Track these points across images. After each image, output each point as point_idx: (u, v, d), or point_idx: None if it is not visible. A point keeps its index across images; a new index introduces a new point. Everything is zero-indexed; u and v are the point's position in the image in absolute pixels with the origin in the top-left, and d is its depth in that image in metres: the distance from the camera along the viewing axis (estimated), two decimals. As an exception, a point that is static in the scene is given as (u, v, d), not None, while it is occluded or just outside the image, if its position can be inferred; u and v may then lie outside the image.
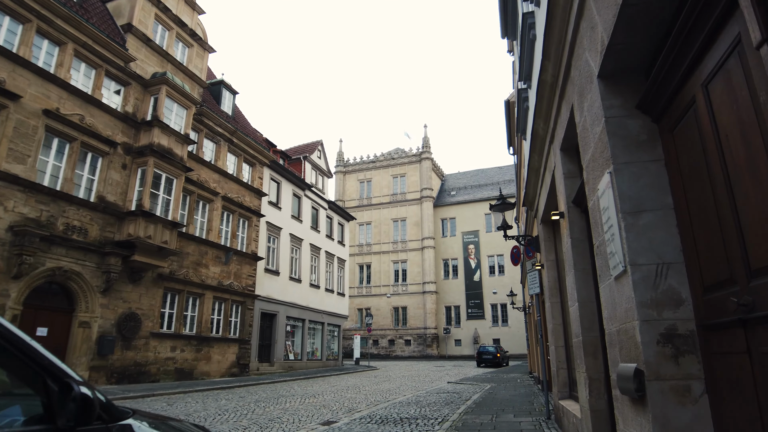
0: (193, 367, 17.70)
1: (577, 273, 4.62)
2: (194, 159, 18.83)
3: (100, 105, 15.20)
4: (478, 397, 11.54)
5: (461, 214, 53.51)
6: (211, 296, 18.91)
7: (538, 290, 8.03)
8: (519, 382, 16.85)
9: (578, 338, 4.64)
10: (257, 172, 22.94)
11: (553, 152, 5.47)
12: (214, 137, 20.35)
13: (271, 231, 24.21)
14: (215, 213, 19.70)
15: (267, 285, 23.24)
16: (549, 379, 8.36)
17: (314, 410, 9.75)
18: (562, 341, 6.98)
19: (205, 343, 18.38)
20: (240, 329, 20.54)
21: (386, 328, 51.87)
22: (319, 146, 31.53)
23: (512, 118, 19.89)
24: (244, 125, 23.63)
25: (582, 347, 4.44)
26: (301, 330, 26.62)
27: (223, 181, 20.40)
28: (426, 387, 15.65)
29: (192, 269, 18.13)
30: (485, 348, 31.84)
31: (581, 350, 4.49)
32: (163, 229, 15.92)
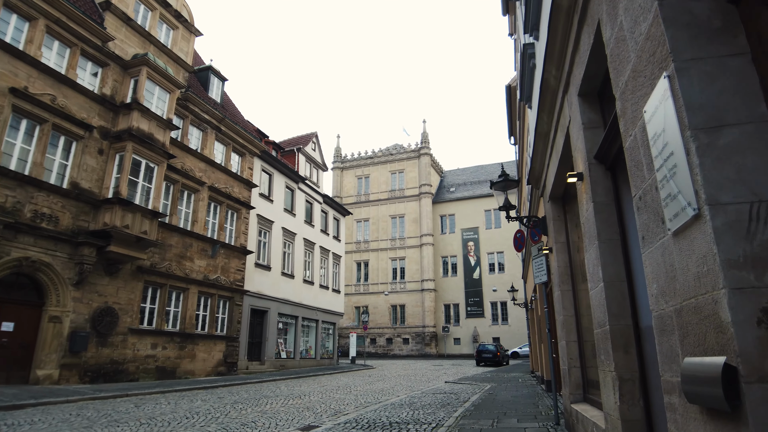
0: (176, 365, 16.74)
1: (602, 246, 3.66)
2: (178, 146, 17.87)
3: (75, 86, 14.23)
4: (477, 399, 10.58)
5: (460, 210, 52.55)
6: (196, 291, 17.94)
7: (545, 278, 7.07)
8: (521, 382, 15.90)
9: (603, 329, 3.68)
10: (247, 162, 21.97)
11: (568, 103, 4.50)
12: (200, 124, 19.38)
13: (262, 224, 23.24)
14: (201, 203, 18.73)
15: (257, 280, 22.27)
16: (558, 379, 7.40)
17: (296, 413, 8.80)
18: (574, 335, 6.02)
19: (189, 341, 17.41)
20: (228, 326, 19.57)
21: (384, 326, 50.93)
22: (314, 138, 30.55)
23: (513, 104, 18.94)
24: (234, 113, 22.66)
25: (609, 339, 3.48)
26: (294, 327, 25.66)
27: (210, 171, 19.43)
28: (422, 387, 14.70)
29: (175, 262, 17.16)
30: (485, 346, 30.89)
31: (608, 343, 3.53)
32: (142, 219, 14.95)
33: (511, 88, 18.05)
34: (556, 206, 6.53)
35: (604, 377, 3.72)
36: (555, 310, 6.82)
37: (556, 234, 6.43)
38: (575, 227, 6.24)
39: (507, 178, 7.27)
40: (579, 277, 6.07)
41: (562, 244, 6.36)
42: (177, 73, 18.11)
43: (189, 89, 18.63)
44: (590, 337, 5.74)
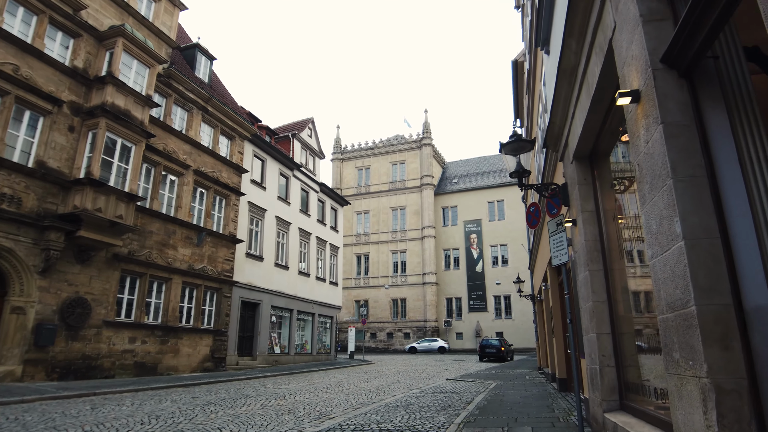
0: (157, 361, 15.59)
1: (679, 186, 2.42)
2: (160, 126, 16.64)
3: (41, 56, 13.01)
4: (481, 400, 9.37)
5: (463, 202, 51.28)
6: (179, 281, 16.75)
7: (566, 258, 5.82)
8: (528, 379, 14.69)
9: (680, 312, 2.44)
10: (237, 146, 20.73)
11: (611, 5, 3.24)
12: (185, 104, 18.13)
13: (254, 212, 22.03)
14: (186, 188, 17.51)
15: (248, 271, 21.09)
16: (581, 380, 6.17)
17: (273, 417, 7.60)
18: (606, 326, 4.78)
19: (172, 334, 16.25)
20: (215, 319, 18.41)
21: (384, 320, 49.82)
22: (310, 124, 29.28)
23: (520, 81, 17.64)
24: (223, 95, 21.41)
25: (697, 327, 2.25)
26: (288, 321, 24.50)
27: (196, 153, 18.19)
28: (421, 385, 13.51)
29: (156, 250, 15.97)
30: (488, 341, 29.68)
31: (692, 334, 2.30)
32: (117, 202, 13.75)
33: (518, 63, 16.75)
34: (582, 167, 5.28)
35: (681, 385, 2.48)
36: (579, 296, 5.58)
37: (583, 201, 5.18)
38: (607, 191, 5.00)
39: (519, 138, 6.01)
40: (613, 253, 4.84)
41: (590, 214, 5.12)
42: (159, 48, 16.84)
43: (172, 66, 17.40)
44: (627, 328, 4.50)
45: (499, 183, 50.11)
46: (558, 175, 6.73)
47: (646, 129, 2.78)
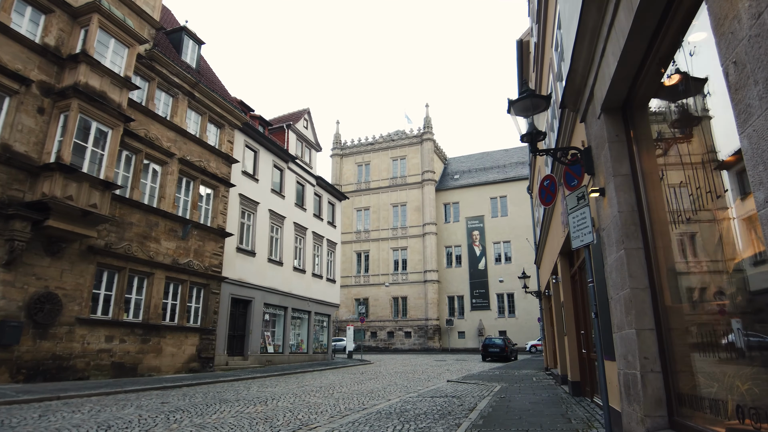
0: (137, 361, 14.56)
1: None
2: (142, 111, 15.61)
3: (7, 31, 11.97)
4: (485, 406, 8.30)
5: (465, 198, 50.17)
6: (162, 276, 15.72)
7: (590, 237, 4.75)
8: (535, 381, 13.62)
9: None
10: (226, 134, 19.68)
11: None
12: (169, 89, 17.08)
13: (245, 205, 20.99)
14: (170, 178, 16.47)
15: (239, 266, 20.05)
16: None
17: (246, 427, 6.56)
18: (649, 320, 3.71)
19: (154, 333, 15.22)
20: (202, 317, 17.37)
21: (385, 319, 48.78)
22: (306, 115, 28.22)
23: (525, 61, 16.55)
24: (212, 81, 20.37)
25: None
26: (282, 319, 23.46)
27: (181, 141, 17.15)
28: (419, 387, 12.45)
29: (137, 243, 14.94)
30: (491, 340, 28.58)
31: None
32: (90, 190, 12.72)
33: (523, 42, 15.66)
34: (613, 121, 4.21)
35: None
36: (609, 283, 4.51)
37: (614, 163, 4.11)
38: (647, 149, 3.92)
39: (533, 94, 4.94)
40: (657, 226, 3.76)
41: (625, 179, 4.04)
42: (140, 28, 15.79)
43: (156, 48, 16.36)
44: (677, 322, 3.44)
45: (502, 178, 49.00)
46: (577, 140, 5.66)
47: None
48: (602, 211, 4.59)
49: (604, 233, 4.55)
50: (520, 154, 52.04)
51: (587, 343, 8.38)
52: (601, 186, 4.45)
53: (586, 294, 8.55)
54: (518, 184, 47.15)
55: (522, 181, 47.03)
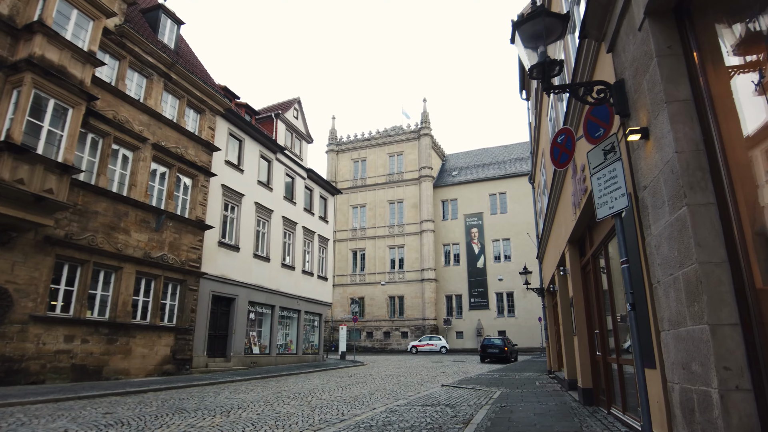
0: (102, 363, 13.28)
1: None
2: (110, 91, 14.34)
3: (-51, -5, 10.70)
4: (483, 418, 7.04)
5: (463, 195, 48.92)
6: (132, 271, 14.45)
7: (624, 202, 3.50)
8: (539, 386, 12.36)
9: None
10: (207, 121, 18.40)
11: None
12: (143, 69, 15.81)
13: (228, 197, 19.71)
14: (142, 164, 15.20)
15: (221, 262, 18.78)
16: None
17: (185, 448, 5.29)
18: (731, 311, 2.45)
19: (122, 332, 13.95)
20: (178, 315, 16.09)
21: (381, 319, 47.51)
22: (296, 105, 26.93)
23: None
24: (193, 64, 19.08)
25: None
26: (269, 318, 22.19)
27: (155, 126, 15.87)
28: (410, 393, 11.19)
29: (103, 234, 13.66)
30: (490, 341, 27.30)
31: None
32: (45, 174, 11.44)
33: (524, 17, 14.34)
34: (664, 28, 2.95)
35: None
36: (654, 261, 3.24)
37: (668, 86, 2.85)
38: (719, 64, 2.65)
39: (546, 12, 3.69)
40: (735, 171, 2.50)
41: (684, 106, 2.79)
42: (111, 2, 14.51)
43: (128, 24, 15.08)
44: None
45: (501, 174, 47.77)
46: (601, 74, 4.40)
47: None
48: (643, 162, 3.33)
49: (647, 192, 3.29)
50: (520, 149, 50.84)
51: (602, 344, 7.12)
52: (644, 125, 3.19)
53: (600, 287, 7.29)
54: (518, 181, 45.93)
55: (522, 177, 45.79)
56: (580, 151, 6.41)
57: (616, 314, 6.23)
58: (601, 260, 7.09)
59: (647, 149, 3.20)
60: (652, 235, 3.23)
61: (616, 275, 6.08)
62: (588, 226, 7.54)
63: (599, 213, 3.88)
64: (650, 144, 3.14)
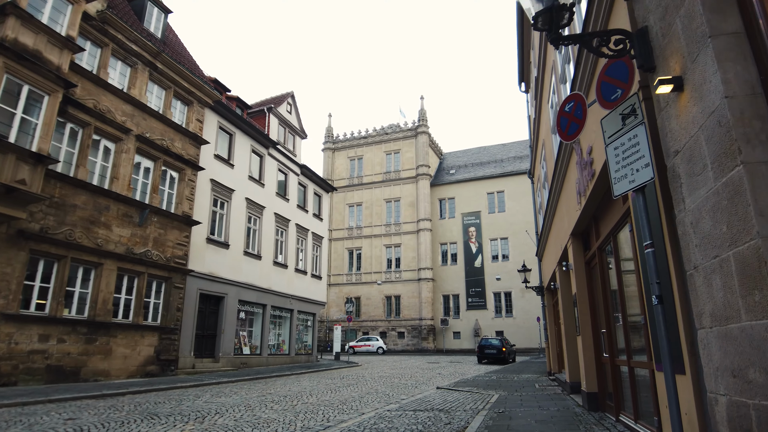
0: (80, 364, 12.63)
1: None
2: (90, 79, 13.70)
3: None
4: (480, 426, 6.44)
5: (461, 193, 48.35)
6: (114, 267, 13.81)
7: (648, 174, 2.90)
8: (539, 388, 11.76)
9: None
10: (195, 113, 17.76)
11: None
12: (126, 57, 15.16)
13: (218, 192, 19.08)
14: (125, 156, 14.56)
15: (209, 259, 18.14)
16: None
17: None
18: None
19: (102, 332, 13.31)
20: (163, 314, 15.45)
21: (377, 319, 46.90)
22: (290, 99, 26.31)
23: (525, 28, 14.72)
24: (180, 53, 18.44)
25: None
26: (260, 318, 21.56)
27: (140, 116, 15.24)
28: (403, 396, 10.58)
29: (82, 228, 13.02)
30: (488, 341, 26.71)
31: None
32: (17, 163, 10.80)
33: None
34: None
35: None
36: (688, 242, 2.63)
37: (712, 17, 2.24)
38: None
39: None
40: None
41: (733, 40, 2.18)
42: (92, -14, 13.88)
43: (111, 10, 14.43)
44: None
45: (499, 173, 47.22)
46: (615, 26, 3.79)
47: None
48: (674, 122, 2.73)
49: (680, 158, 2.69)
50: (518, 148, 50.31)
51: (610, 344, 6.52)
52: (678, 73, 2.59)
53: (608, 282, 6.69)
54: (516, 179, 45.40)
55: (520, 175, 45.24)
56: (587, 131, 5.82)
57: (627, 311, 5.64)
58: (608, 253, 6.50)
59: (681, 104, 2.60)
60: (686, 211, 2.63)
61: (628, 268, 5.49)
62: (594, 217, 6.95)
63: (617, 189, 3.28)
64: (685, 96, 2.53)
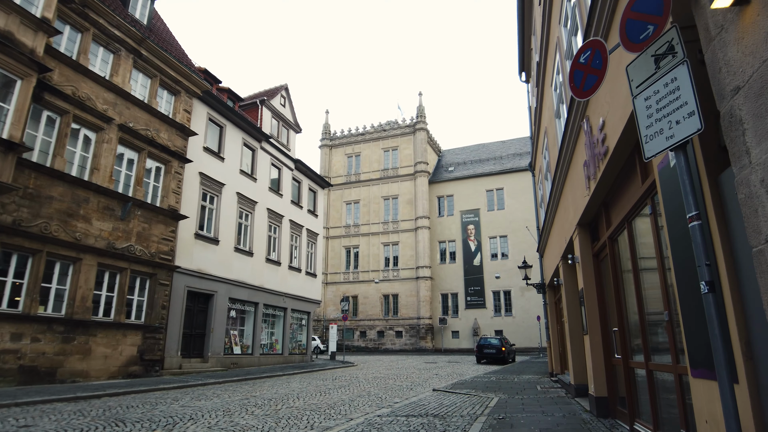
0: (56, 364, 11.96)
1: None
2: (69, 65, 13.01)
3: None
4: (478, 435, 5.78)
5: (460, 191, 47.67)
6: (94, 263, 13.13)
7: (698, 123, 2.23)
8: (541, 390, 11.11)
9: None
10: (182, 103, 17.07)
11: None
12: (109, 43, 14.48)
13: (207, 186, 18.40)
14: (106, 146, 13.88)
15: (198, 255, 17.46)
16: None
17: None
18: None
19: (81, 330, 12.63)
20: (147, 312, 14.78)
21: (375, 318, 46.23)
22: (283, 92, 25.61)
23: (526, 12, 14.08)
24: (168, 42, 17.75)
25: None
26: (252, 316, 20.89)
27: (123, 105, 14.55)
28: (396, 400, 9.92)
29: (59, 221, 12.34)
30: (487, 340, 26.06)
31: None
32: (-15, 151, 10.13)
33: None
34: None
35: None
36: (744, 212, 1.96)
37: None
38: None
39: None
40: None
41: None
42: (71, -33, 13.20)
43: (91, -7, 13.75)
44: None
45: (498, 170, 46.56)
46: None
47: None
48: (735, 48, 2.07)
49: (745, 94, 2.04)
50: (518, 145, 49.69)
51: (623, 344, 5.87)
52: None
53: (620, 275, 6.03)
54: (516, 176, 44.78)
55: (519, 172, 44.62)
56: (598, 102, 5.17)
57: (644, 307, 4.98)
58: (621, 243, 5.84)
59: (744, 21, 1.94)
60: (752, 166, 1.97)
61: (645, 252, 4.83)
62: (604, 203, 6.29)
63: (649, 149, 2.62)
64: (752, 10, 1.87)
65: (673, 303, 3.99)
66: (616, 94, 4.43)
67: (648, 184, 4.29)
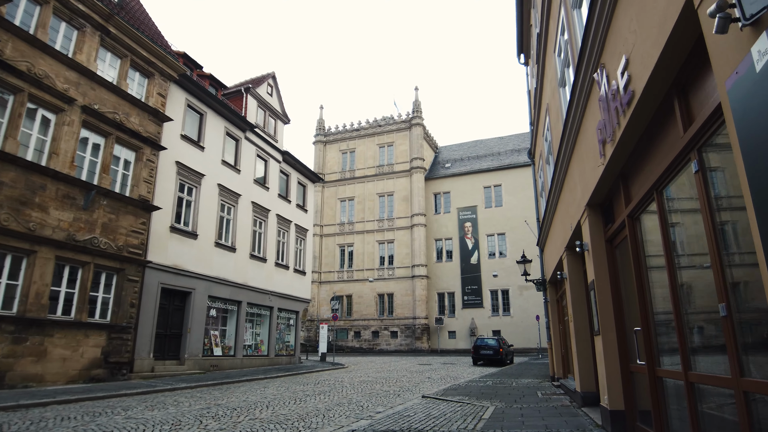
0: (5, 367, 10.77)
1: None
2: (24, 39, 11.84)
3: None
4: (466, 461, 4.62)
5: (457, 187, 46.56)
6: (50, 256, 11.95)
7: None
8: (541, 397, 9.97)
9: None
10: (156, 86, 15.89)
11: None
12: (72, 18, 13.30)
13: (185, 176, 17.22)
14: (67, 129, 12.70)
15: (173, 250, 16.29)
16: None
17: None
18: None
19: (35, 330, 11.45)
20: (113, 310, 13.60)
21: (370, 317, 45.08)
22: (270, 80, 24.42)
23: None
24: (142, 21, 16.56)
25: None
26: (235, 316, 19.71)
27: (87, 86, 13.37)
28: (380, 409, 8.76)
29: (10, 209, 11.16)
30: (484, 341, 24.93)
31: None
32: None
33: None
34: None
35: None
36: None
37: None
38: None
39: None
40: None
41: None
42: (28, -67, 12.02)
43: (52, -37, 12.56)
44: None
45: (496, 166, 45.47)
46: None
47: None
48: None
49: None
50: (516, 141, 48.61)
51: (649, 348, 4.71)
52: None
53: (643, 262, 4.88)
54: (514, 172, 43.73)
55: (518, 168, 43.56)
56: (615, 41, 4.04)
57: (680, 300, 3.84)
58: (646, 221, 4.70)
59: None
60: None
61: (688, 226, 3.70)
62: (622, 174, 5.16)
63: (750, 7, 1.46)
64: None
65: (740, 292, 2.85)
66: (647, 11, 3.30)
67: (694, 130, 3.15)
